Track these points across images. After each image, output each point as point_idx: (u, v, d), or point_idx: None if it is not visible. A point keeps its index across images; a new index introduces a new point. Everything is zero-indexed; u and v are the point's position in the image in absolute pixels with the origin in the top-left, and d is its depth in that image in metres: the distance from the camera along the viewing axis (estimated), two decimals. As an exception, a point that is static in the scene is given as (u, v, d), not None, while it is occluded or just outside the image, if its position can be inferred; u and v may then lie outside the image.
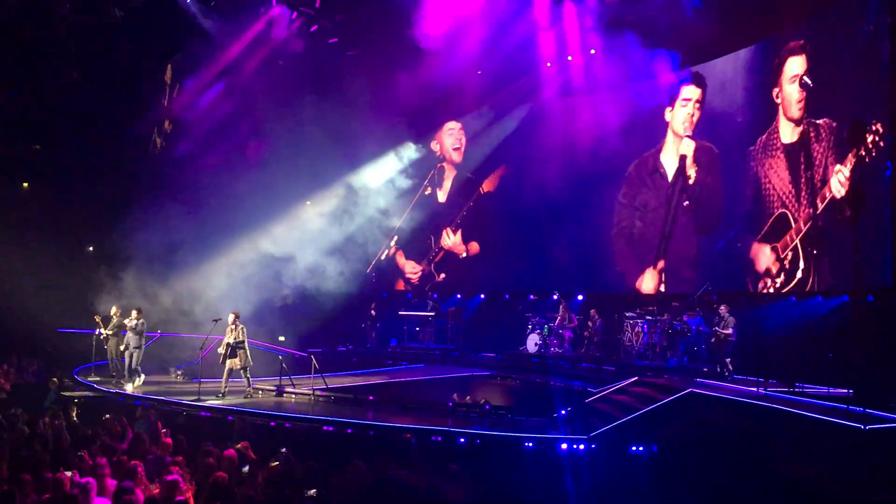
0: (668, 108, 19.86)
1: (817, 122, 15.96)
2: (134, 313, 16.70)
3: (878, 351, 12.44)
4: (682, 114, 19.56)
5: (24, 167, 21.19)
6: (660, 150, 20.16)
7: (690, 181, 19.26)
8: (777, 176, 17.03)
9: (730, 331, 15.56)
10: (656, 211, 20.15)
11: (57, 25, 18.43)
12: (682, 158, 19.50)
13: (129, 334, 16.63)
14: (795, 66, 16.53)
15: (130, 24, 18.88)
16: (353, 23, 21.63)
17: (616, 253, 21.24)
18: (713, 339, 16.00)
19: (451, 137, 24.51)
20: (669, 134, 19.94)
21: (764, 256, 17.14)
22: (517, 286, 22.85)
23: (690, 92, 19.42)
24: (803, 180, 16.22)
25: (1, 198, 20.39)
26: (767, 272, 17.03)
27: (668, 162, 19.96)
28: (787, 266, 16.42)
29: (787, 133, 16.83)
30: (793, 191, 16.56)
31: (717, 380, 15.07)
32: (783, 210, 16.74)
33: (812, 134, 16.06)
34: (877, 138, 14.16)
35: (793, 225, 16.38)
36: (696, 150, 19.23)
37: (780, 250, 16.61)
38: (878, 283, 14.07)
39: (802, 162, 16.29)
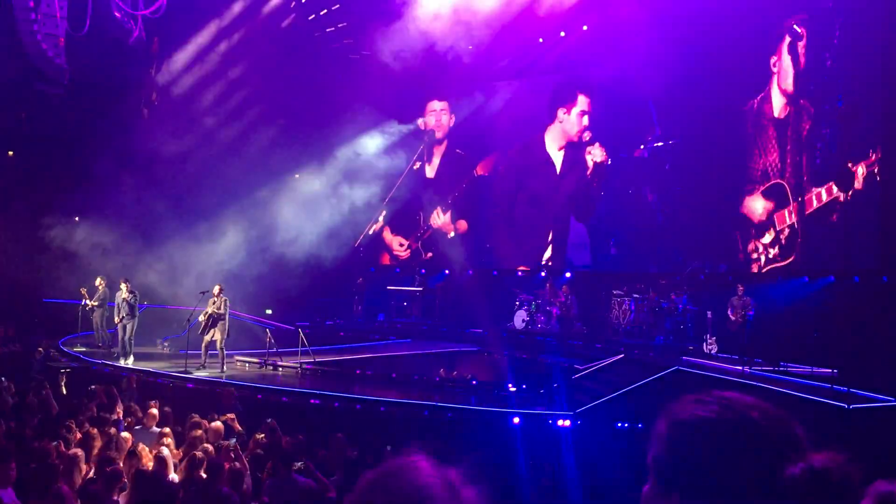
0: (562, 110, 21.12)
1: (805, 102, 15.92)
2: (123, 286, 16.50)
3: (863, 331, 12.54)
4: (575, 122, 20.92)
5: (10, 136, 20.96)
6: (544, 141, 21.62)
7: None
8: (769, 147, 17.00)
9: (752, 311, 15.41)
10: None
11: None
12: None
13: (123, 305, 16.38)
14: (796, 36, 16.43)
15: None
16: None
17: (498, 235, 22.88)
18: (737, 324, 15.61)
19: (437, 116, 24.31)
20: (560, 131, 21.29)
21: (756, 214, 17.19)
22: (505, 263, 22.89)
23: (585, 103, 20.72)
24: (789, 158, 16.19)
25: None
26: (759, 236, 17.05)
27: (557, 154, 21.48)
28: (783, 241, 16.44)
29: (779, 107, 16.79)
30: (789, 165, 16.50)
31: (703, 358, 15.17)
32: (779, 181, 16.71)
33: (804, 114, 15.99)
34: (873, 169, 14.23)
35: (791, 201, 16.35)
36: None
37: (777, 222, 16.63)
38: (864, 264, 14.18)
39: (790, 137, 16.27)
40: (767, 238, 16.79)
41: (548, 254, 21.66)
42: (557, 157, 21.36)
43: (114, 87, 20.59)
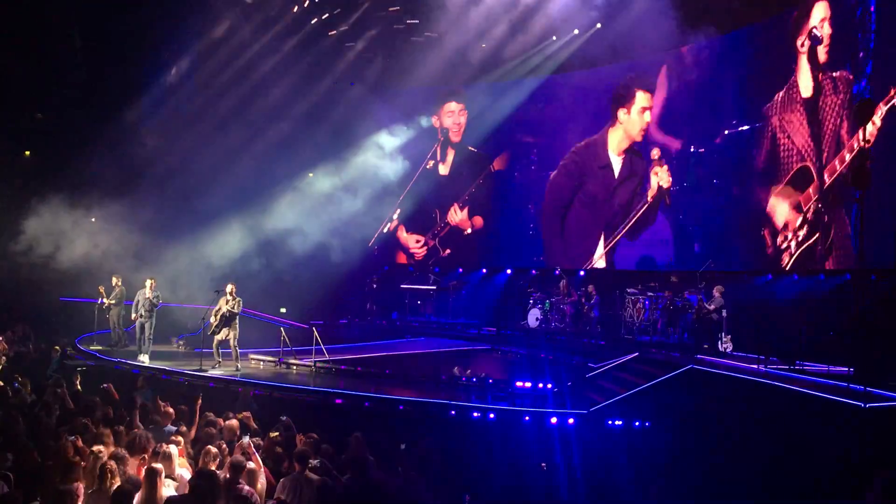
0: (622, 111, 20.52)
1: (835, 74, 15.68)
2: (149, 282, 16.53)
3: (880, 330, 12.42)
4: (637, 120, 20.29)
5: (27, 135, 21.08)
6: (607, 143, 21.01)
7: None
8: (796, 131, 16.70)
9: (713, 307, 15.56)
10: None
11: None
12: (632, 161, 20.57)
13: (145, 303, 16.37)
14: (820, 11, 16.10)
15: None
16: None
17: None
18: (695, 314, 16.01)
19: (450, 118, 24.31)
20: (623, 133, 20.66)
21: (783, 208, 16.96)
22: (519, 261, 22.87)
23: (645, 99, 20.06)
24: (825, 134, 15.86)
25: (3, 166, 20.32)
26: (787, 226, 16.82)
27: (616, 160, 20.93)
28: (809, 218, 16.21)
29: (807, 87, 16.47)
30: (813, 146, 16.22)
31: (716, 356, 15.08)
32: (804, 164, 16.44)
33: (830, 86, 15.77)
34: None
35: (815, 179, 16.09)
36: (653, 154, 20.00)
37: (802, 203, 16.39)
38: (881, 261, 14.03)
39: (822, 115, 15.93)
40: (797, 222, 16.60)
41: (598, 256, 21.29)
42: (616, 162, 20.80)
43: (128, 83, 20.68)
